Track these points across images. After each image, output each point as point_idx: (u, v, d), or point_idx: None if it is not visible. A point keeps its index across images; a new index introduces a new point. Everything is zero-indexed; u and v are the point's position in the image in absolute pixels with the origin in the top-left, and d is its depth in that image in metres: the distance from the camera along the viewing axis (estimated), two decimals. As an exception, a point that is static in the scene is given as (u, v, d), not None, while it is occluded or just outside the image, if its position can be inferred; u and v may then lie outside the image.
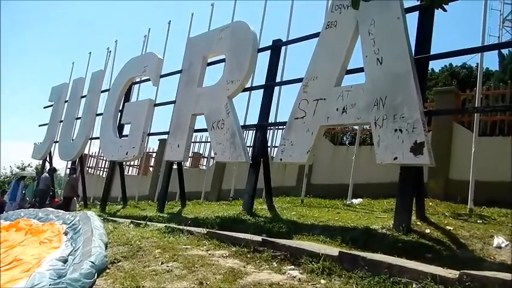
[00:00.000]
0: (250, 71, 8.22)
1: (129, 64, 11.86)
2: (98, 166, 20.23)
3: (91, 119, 13.18)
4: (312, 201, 9.17)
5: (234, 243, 4.45)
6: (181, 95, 9.66)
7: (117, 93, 11.86)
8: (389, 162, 5.45)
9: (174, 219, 7.44)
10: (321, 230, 5.67)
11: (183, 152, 9.03)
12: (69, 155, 13.67)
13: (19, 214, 8.94)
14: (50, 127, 15.70)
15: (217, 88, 8.55)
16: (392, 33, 5.75)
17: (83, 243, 4.94)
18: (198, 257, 4.06)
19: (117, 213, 9.91)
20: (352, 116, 6.03)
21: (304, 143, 6.60)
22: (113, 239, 5.35)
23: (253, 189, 7.76)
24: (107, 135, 11.62)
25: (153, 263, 4.05)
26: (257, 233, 5.22)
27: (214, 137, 8.32)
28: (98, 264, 4.06)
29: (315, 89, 6.68)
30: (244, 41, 8.25)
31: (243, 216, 7.05)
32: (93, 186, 15.78)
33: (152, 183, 15.52)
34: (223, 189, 12.93)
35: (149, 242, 4.96)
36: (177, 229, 5.47)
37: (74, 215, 7.00)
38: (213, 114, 8.41)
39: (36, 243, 5.78)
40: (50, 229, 6.43)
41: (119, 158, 11.02)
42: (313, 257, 3.52)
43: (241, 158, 7.69)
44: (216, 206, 9.81)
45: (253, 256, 3.97)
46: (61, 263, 4.31)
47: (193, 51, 9.71)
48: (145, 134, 10.41)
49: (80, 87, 14.55)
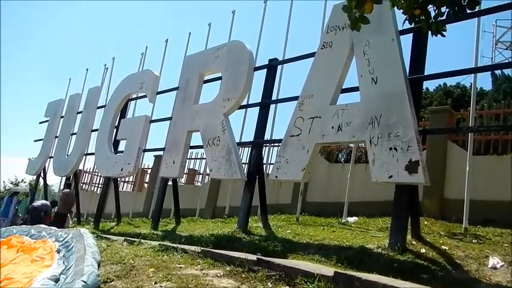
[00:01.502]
0: (246, 89, 8.30)
1: (126, 81, 11.91)
2: (93, 182, 20.11)
3: (86, 134, 13.17)
4: (307, 219, 9.14)
5: (228, 262, 4.40)
6: (177, 111, 9.69)
7: (113, 109, 11.88)
8: (385, 180, 5.46)
9: (168, 237, 7.37)
10: (316, 249, 5.63)
11: (178, 168, 9.02)
12: (63, 170, 13.60)
13: (11, 231, 8.80)
14: (45, 142, 15.64)
15: (213, 105, 8.59)
16: (387, 54, 5.84)
17: (76, 262, 4.87)
18: (192, 276, 4.01)
19: (110, 231, 9.81)
20: (347, 134, 6.07)
21: (299, 160, 6.62)
22: (106, 257, 5.28)
23: (248, 207, 7.73)
24: (102, 151, 11.58)
25: (146, 283, 4.00)
26: (252, 252, 5.18)
27: (209, 153, 8.32)
28: (90, 283, 3.99)
29: (310, 107, 6.73)
30: (240, 60, 8.33)
31: (237, 234, 7.00)
32: (87, 203, 15.64)
33: (147, 199, 15.42)
34: (218, 206, 12.85)
35: (143, 260, 4.90)
36: (171, 247, 5.42)
37: (67, 232, 6.90)
38: (208, 131, 8.43)
39: (28, 261, 5.69)
40: (43, 247, 6.34)
41: (113, 174, 10.98)
42: (308, 277, 3.49)
43: (237, 175, 7.68)
44: (211, 224, 9.75)
45: (247, 276, 3.93)
46: (53, 282, 4.25)
47: (190, 69, 9.79)
48: (140, 150, 10.39)
49: (76, 103, 14.58)
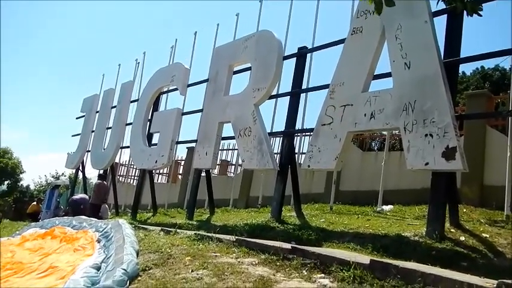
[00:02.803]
0: (276, 79, 8.25)
1: (157, 74, 12.10)
2: (129, 174, 20.70)
3: (121, 128, 13.50)
4: (341, 208, 9.06)
5: (263, 250, 4.44)
6: (208, 103, 9.78)
7: (146, 103, 12.11)
8: (420, 168, 5.34)
9: (203, 227, 7.50)
10: (351, 237, 5.59)
11: (211, 159, 9.12)
12: (100, 163, 14.01)
13: (54, 222, 9.23)
14: (82, 137, 16.17)
15: (243, 96, 8.61)
16: (420, 37, 5.65)
17: (115, 251, 5.06)
18: (227, 264, 4.08)
19: (147, 221, 10.07)
20: (381, 121, 5.95)
21: (332, 149, 6.55)
22: (144, 246, 5.44)
23: (281, 197, 7.74)
24: (137, 144, 11.86)
25: (183, 271, 4.10)
26: (286, 241, 5.21)
27: (241, 144, 8.37)
28: (130, 271, 4.14)
29: (341, 95, 6.64)
30: (269, 49, 8.29)
31: (271, 224, 7.04)
32: (124, 195, 16.12)
33: (181, 190, 15.72)
34: (251, 197, 12.95)
35: (179, 249, 5.01)
36: (207, 236, 5.51)
37: (106, 223, 7.17)
38: (240, 122, 8.47)
39: (71, 251, 5.96)
40: (84, 237, 6.61)
41: (148, 167, 11.23)
42: (344, 265, 3.48)
43: (269, 165, 7.69)
44: (245, 213, 9.83)
45: (282, 264, 3.96)
46: (94, 270, 4.43)
47: (219, 61, 9.83)
48: (173, 143, 10.57)
49: (110, 98, 14.95)
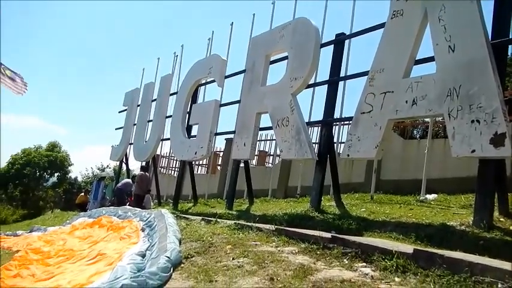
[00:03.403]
0: (314, 67, 8.14)
1: (194, 67, 12.25)
2: (170, 166, 21.22)
3: (161, 121, 13.81)
4: (382, 197, 8.88)
5: (303, 239, 4.44)
6: (245, 94, 9.81)
7: (185, 95, 12.31)
8: (467, 155, 5.12)
9: (242, 216, 7.58)
10: (393, 226, 5.48)
11: (249, 150, 9.17)
12: (143, 155, 14.43)
13: (101, 212, 9.63)
14: (125, 130, 16.70)
15: (281, 86, 8.57)
16: (465, 18, 5.39)
17: (159, 239, 5.22)
18: (267, 253, 4.11)
19: (188, 211, 10.30)
20: (423, 108, 5.75)
21: (372, 137, 6.42)
22: (185, 235, 5.57)
23: (321, 186, 7.68)
24: (177, 136, 12.11)
25: (224, 259, 4.17)
26: (326, 230, 5.17)
27: (279, 134, 8.35)
28: (173, 259, 4.26)
29: (381, 81, 6.46)
30: (306, 37, 8.18)
31: (311, 213, 7.01)
32: (165, 185, 16.56)
33: (220, 181, 15.95)
34: (289, 187, 12.95)
35: (220, 238, 5.10)
36: (246, 226, 5.57)
37: (149, 213, 7.40)
38: (277, 112, 8.45)
39: (117, 239, 6.20)
40: (129, 226, 6.86)
41: (188, 158, 11.44)
42: (386, 254, 3.41)
43: (307, 155, 7.64)
44: (284, 203, 9.85)
45: (322, 253, 3.94)
46: (140, 257, 4.58)
47: (256, 51, 9.82)
48: (212, 134, 10.70)
49: (151, 92, 15.30)
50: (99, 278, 4.07)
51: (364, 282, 3.01)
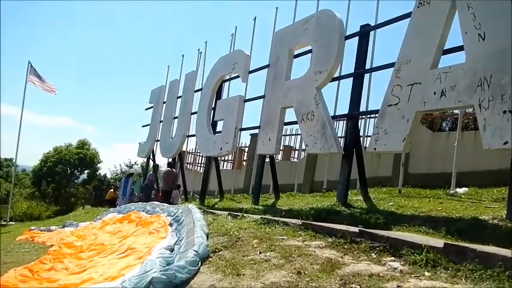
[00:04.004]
0: (338, 60, 8.04)
1: (218, 63, 12.30)
2: (196, 162, 21.46)
3: (187, 117, 13.95)
4: (411, 191, 8.72)
5: (329, 234, 4.42)
6: (269, 89, 9.80)
7: (209, 91, 12.39)
8: (499, 147, 4.96)
9: (269, 211, 7.60)
10: (422, 220, 5.38)
11: (274, 145, 9.17)
12: (169, 152, 14.64)
13: (130, 208, 9.84)
14: (151, 127, 16.97)
15: (305, 80, 8.51)
16: (496, 5, 5.21)
17: (187, 234, 5.29)
18: (294, 247, 4.11)
19: (215, 206, 10.40)
20: (452, 99, 5.60)
21: (399, 130, 6.31)
22: (213, 229, 5.64)
23: (347, 180, 7.62)
24: (202, 132, 12.22)
25: (251, 253, 4.20)
26: (353, 224, 5.14)
27: (304, 129, 8.31)
28: (201, 253, 4.32)
29: (408, 73, 6.33)
30: (330, 30, 8.08)
31: (337, 208, 6.97)
32: (191, 181, 16.78)
33: (246, 176, 16.03)
34: (315, 181, 12.89)
35: (247, 232, 5.13)
36: (273, 220, 5.58)
37: (177, 208, 7.51)
38: (302, 106, 8.40)
39: (146, 234, 6.33)
40: (157, 221, 6.98)
41: (214, 154, 11.53)
42: (415, 248, 3.35)
43: (333, 149, 7.58)
44: (310, 198, 9.82)
45: (350, 247, 3.91)
46: (168, 251, 4.67)
47: (279, 45, 9.78)
48: (237, 129, 10.73)
49: (176, 88, 15.46)
50: (129, 271, 4.17)
51: (393, 276, 2.97)
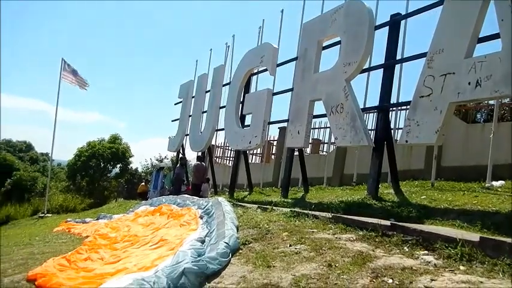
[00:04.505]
0: (368, 51, 7.89)
1: (246, 56, 12.32)
2: (225, 156, 21.64)
3: (215, 111, 14.07)
4: (444, 184, 8.51)
5: (360, 227, 4.38)
6: (298, 82, 9.74)
7: (238, 85, 12.43)
8: (538, 137, 4.78)
9: (298, 204, 7.59)
10: (456, 214, 5.25)
11: (303, 138, 9.13)
12: (198, 146, 14.82)
13: (161, 200, 10.04)
14: (181, 122, 17.21)
15: (334, 72, 8.41)
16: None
17: (217, 226, 5.37)
18: (325, 240, 4.10)
19: (244, 199, 10.47)
20: (488, 89, 5.41)
21: (431, 122, 6.16)
22: (242, 222, 5.68)
23: (378, 174, 7.51)
24: (231, 126, 12.30)
25: (281, 245, 4.22)
26: (384, 218, 5.07)
27: (333, 121, 8.23)
28: (231, 245, 4.38)
29: (441, 63, 6.16)
30: (359, 20, 7.94)
31: (368, 201, 6.89)
32: (221, 175, 16.94)
33: (275, 170, 16.04)
34: (345, 174, 12.77)
35: (276, 225, 5.15)
36: (302, 213, 5.58)
37: (207, 201, 7.62)
38: (331, 99, 8.32)
39: (177, 226, 6.46)
40: (188, 213, 7.11)
41: (243, 147, 11.60)
42: (450, 242, 3.28)
43: (363, 142, 7.47)
44: (339, 191, 9.73)
45: (381, 240, 3.87)
46: (199, 243, 4.75)
47: (307, 37, 9.69)
48: (266, 123, 10.74)
49: (204, 83, 15.60)
50: (162, 262, 4.27)
51: (427, 269, 2.92)
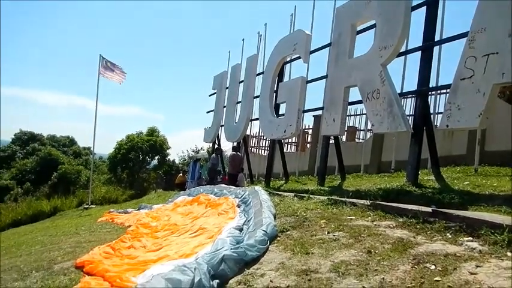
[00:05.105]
0: (405, 33, 7.64)
1: (279, 44, 12.23)
2: (260, 145, 21.70)
3: (249, 101, 14.10)
4: (488, 169, 8.17)
5: (400, 214, 4.29)
6: (332, 68, 9.59)
7: (271, 74, 12.38)
8: None
9: (335, 192, 7.53)
10: (501, 200, 5.05)
11: (339, 126, 9.00)
12: (233, 136, 14.94)
13: (199, 190, 10.22)
14: (215, 113, 17.37)
15: (369, 57, 8.21)
16: None
17: (254, 214, 5.42)
18: (363, 227, 4.05)
19: (280, 188, 10.48)
20: (536, 67, 5.13)
21: (474, 105, 5.91)
22: (279, 210, 5.71)
23: (417, 160, 7.31)
24: (265, 115, 12.29)
25: (319, 233, 4.21)
26: (425, 204, 4.93)
27: (370, 108, 8.06)
28: (269, 232, 4.41)
29: (483, 42, 5.88)
30: (394, 1, 7.68)
31: (407, 188, 6.73)
32: (256, 164, 17.01)
33: (310, 158, 15.95)
34: (383, 161, 12.51)
35: (314, 213, 5.14)
36: (340, 201, 5.53)
37: (243, 190, 7.69)
38: (367, 85, 8.14)
39: (215, 215, 6.56)
40: (225, 202, 7.20)
41: (277, 137, 11.58)
42: (496, 228, 3.16)
43: (401, 128, 7.28)
44: (377, 179, 9.56)
45: (422, 227, 3.78)
46: (238, 231, 4.82)
47: (341, 22, 9.49)
48: (300, 111, 10.67)
49: (238, 73, 15.63)
50: (202, 249, 4.36)
51: (471, 256, 2.84)
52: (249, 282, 3.22)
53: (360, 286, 2.67)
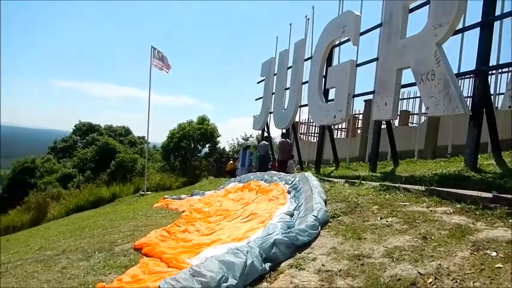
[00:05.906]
0: (462, 9, 7.18)
1: (327, 27, 11.95)
2: (309, 132, 21.54)
3: (298, 87, 13.97)
4: (557, 153, 7.62)
5: (457, 200, 4.12)
6: (383, 50, 9.26)
7: (320, 59, 12.17)
8: None
9: (388, 178, 7.33)
10: None
11: (391, 110, 8.71)
12: (282, 123, 14.91)
13: (249, 177, 10.35)
14: (264, 100, 17.40)
15: (423, 36, 7.83)
16: None
17: (305, 200, 5.42)
18: (418, 213, 3.93)
19: (330, 174, 10.37)
20: None
21: (541, 83, 5.50)
22: (330, 196, 5.67)
23: (476, 144, 6.93)
24: (314, 101, 12.14)
25: (371, 218, 4.14)
26: (484, 190, 4.70)
27: (424, 90, 7.72)
28: (320, 218, 4.41)
29: (552, 14, 5.43)
30: (452, -23, 7.25)
31: (465, 173, 6.42)
32: (306, 151, 16.92)
33: (361, 144, 15.61)
34: (438, 146, 12.00)
35: (365, 199, 5.05)
36: (393, 187, 5.39)
37: (293, 176, 7.69)
38: (420, 66, 7.79)
39: (266, 201, 6.63)
40: (276, 189, 7.25)
41: (327, 122, 11.41)
42: None
43: (459, 110, 6.92)
44: (432, 164, 9.19)
45: (482, 213, 3.61)
46: (288, 216, 4.85)
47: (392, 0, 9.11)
48: (350, 96, 10.42)
49: (286, 59, 15.50)
50: (253, 233, 4.45)
51: (537, 243, 2.68)
52: (301, 266, 3.25)
53: (415, 271, 2.61)
